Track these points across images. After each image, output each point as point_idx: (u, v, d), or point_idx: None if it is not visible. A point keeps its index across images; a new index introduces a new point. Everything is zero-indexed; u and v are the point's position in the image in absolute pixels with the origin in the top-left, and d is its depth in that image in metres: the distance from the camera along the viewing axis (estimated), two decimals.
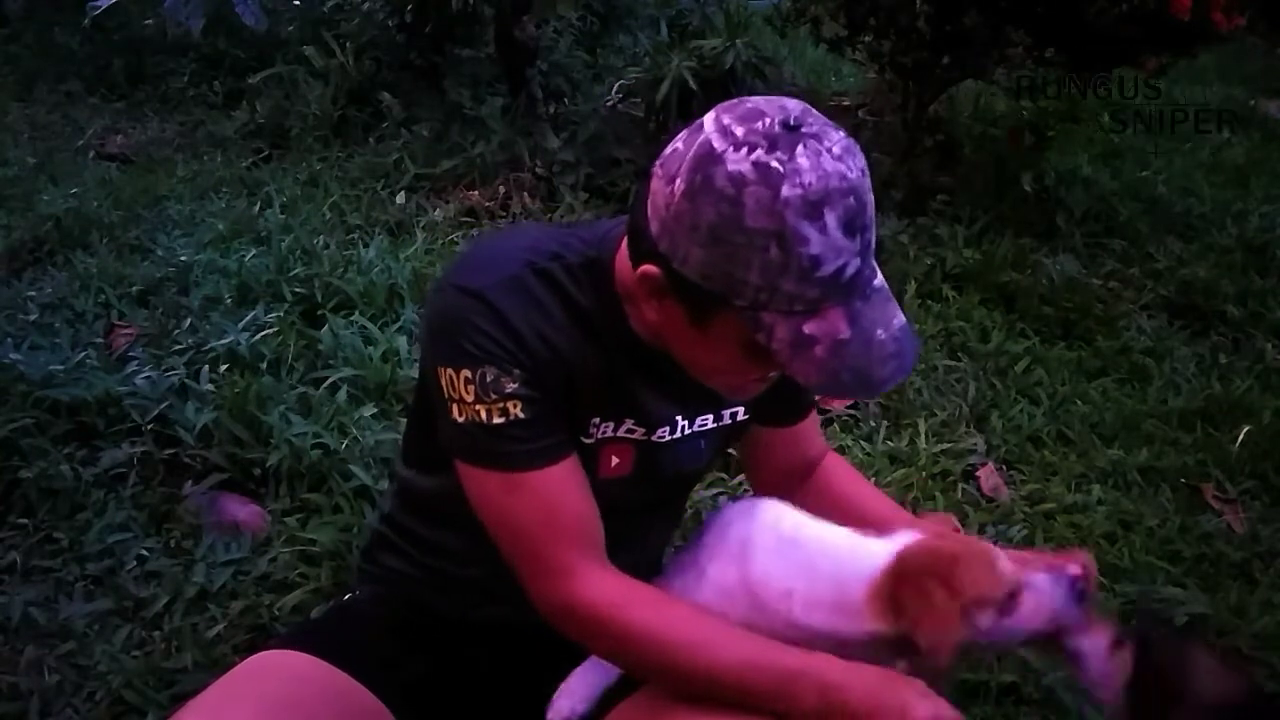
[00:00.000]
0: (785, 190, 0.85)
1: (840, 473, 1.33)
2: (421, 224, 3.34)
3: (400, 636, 1.17)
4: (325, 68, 4.27)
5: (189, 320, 2.57)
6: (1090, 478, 2.27)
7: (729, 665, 0.98)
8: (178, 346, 2.45)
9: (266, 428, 2.11)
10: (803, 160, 0.85)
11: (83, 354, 2.39)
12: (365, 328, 2.53)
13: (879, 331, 0.92)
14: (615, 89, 4.17)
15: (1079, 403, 2.57)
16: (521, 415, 0.98)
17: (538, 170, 3.62)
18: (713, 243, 0.88)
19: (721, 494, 2.08)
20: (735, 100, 0.92)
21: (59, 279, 2.87)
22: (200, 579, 1.81)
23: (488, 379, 0.98)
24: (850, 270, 0.89)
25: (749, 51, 3.59)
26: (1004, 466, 2.31)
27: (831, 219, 0.86)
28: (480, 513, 1.04)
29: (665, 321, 0.97)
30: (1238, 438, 2.41)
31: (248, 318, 2.54)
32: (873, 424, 2.41)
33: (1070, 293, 3.07)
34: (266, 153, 3.96)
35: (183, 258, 2.92)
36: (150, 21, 4.87)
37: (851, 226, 0.88)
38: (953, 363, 2.71)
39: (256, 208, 3.39)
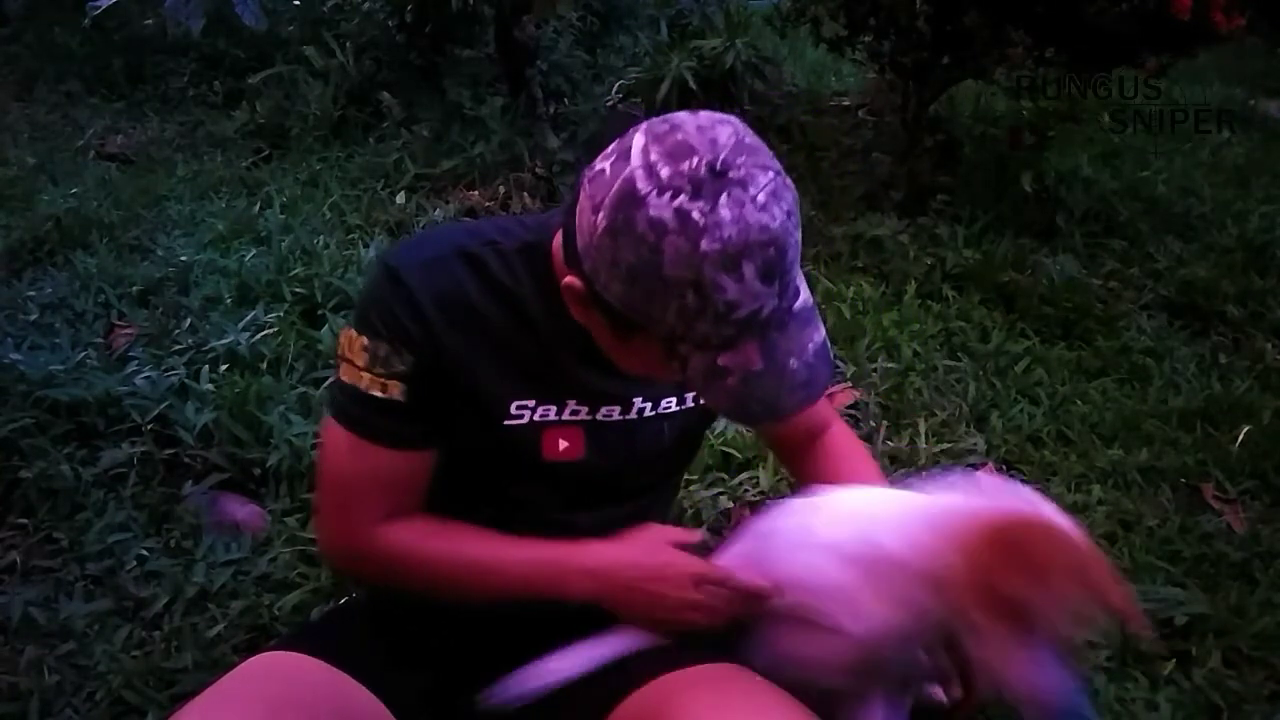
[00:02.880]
0: (704, 244, 0.85)
1: (838, 448, 1.36)
2: (421, 224, 3.34)
3: (400, 638, 1.17)
4: (325, 68, 4.27)
5: (189, 320, 2.57)
6: (1090, 478, 2.27)
7: (490, 578, 1.09)
8: (178, 346, 2.45)
9: (266, 428, 2.11)
10: (725, 211, 0.85)
11: (83, 354, 2.39)
12: None
13: (792, 361, 0.93)
14: (615, 89, 4.17)
15: (1079, 403, 2.57)
16: (398, 398, 1.04)
17: (538, 170, 3.62)
18: (631, 282, 0.89)
19: (721, 493, 2.08)
20: (667, 126, 0.91)
21: (59, 279, 2.87)
22: (200, 579, 1.81)
23: (380, 353, 1.03)
24: (767, 310, 0.90)
25: (749, 51, 3.59)
26: (1004, 466, 2.31)
27: (749, 270, 0.87)
28: (321, 460, 1.11)
29: (589, 324, 1.00)
30: (1238, 438, 2.41)
31: (248, 318, 2.54)
32: (873, 424, 2.41)
33: (1070, 293, 3.07)
34: (266, 153, 3.96)
35: (183, 258, 2.92)
36: (150, 21, 4.86)
37: (770, 275, 0.88)
38: (953, 363, 2.71)
39: (256, 208, 3.39)
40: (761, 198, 0.87)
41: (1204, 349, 2.91)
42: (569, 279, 0.96)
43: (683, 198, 0.86)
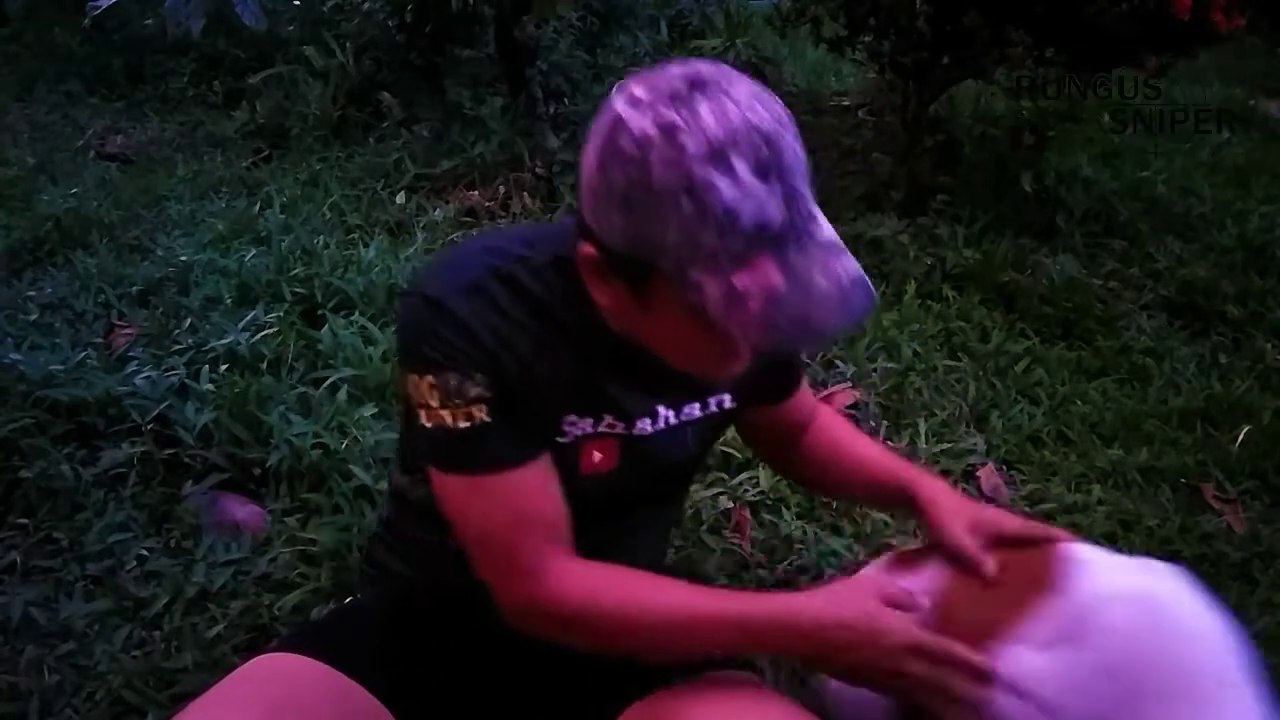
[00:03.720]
0: (689, 144, 0.85)
1: (832, 426, 1.36)
2: (421, 224, 3.34)
3: (402, 639, 1.17)
4: (325, 68, 4.28)
5: (189, 320, 2.57)
6: (1090, 478, 2.27)
7: (706, 636, 1.03)
8: (178, 346, 2.45)
9: (266, 428, 2.11)
10: (705, 112, 0.85)
11: (83, 354, 2.39)
12: (365, 328, 2.53)
13: (819, 280, 0.88)
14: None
15: (1079, 403, 2.57)
16: (486, 419, 0.99)
17: (538, 170, 3.62)
18: (627, 207, 0.88)
19: (721, 493, 2.08)
20: (643, 73, 0.93)
21: (59, 279, 2.87)
22: (200, 579, 1.81)
23: (451, 384, 0.99)
24: (773, 218, 0.86)
25: (749, 51, 3.60)
26: (1004, 466, 2.31)
27: (741, 165, 0.85)
28: (450, 516, 1.05)
29: (615, 304, 0.97)
30: (1238, 438, 2.41)
31: (248, 318, 2.54)
32: (873, 424, 2.41)
33: (1070, 293, 3.07)
34: (266, 153, 3.96)
35: (183, 258, 2.92)
36: (150, 21, 4.87)
37: (765, 170, 0.86)
38: (953, 363, 2.71)
39: (256, 208, 3.39)
40: (744, 98, 0.87)
41: (1204, 349, 2.91)
42: (582, 248, 0.95)
43: (662, 109, 0.86)
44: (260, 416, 2.13)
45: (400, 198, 3.52)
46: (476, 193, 3.55)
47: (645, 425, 1.11)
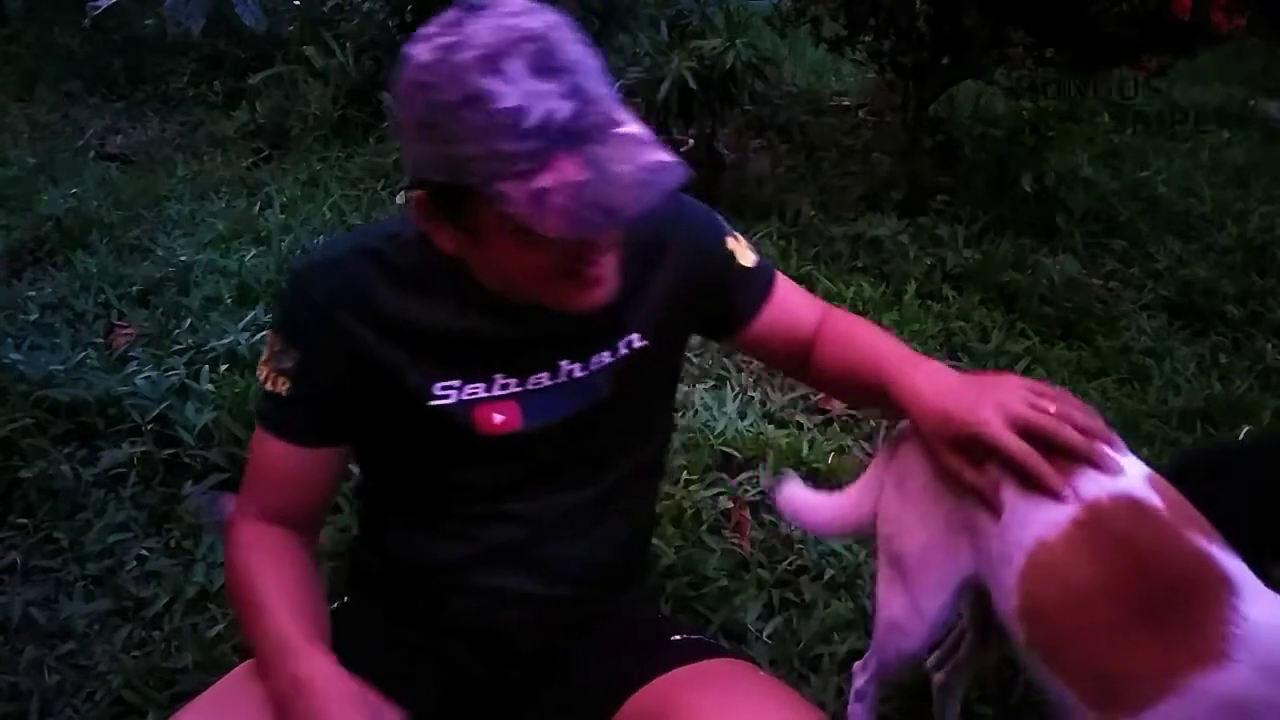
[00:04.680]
0: (462, 57, 0.87)
1: (835, 334, 1.29)
2: None
3: (389, 639, 1.16)
4: (325, 68, 4.28)
5: (189, 320, 2.58)
6: None
7: (254, 628, 1.04)
8: (178, 346, 2.46)
9: None
10: (476, 26, 0.88)
11: (83, 354, 2.39)
12: None
13: (623, 166, 0.89)
14: (615, 89, 4.17)
15: None
16: (282, 393, 1.08)
17: None
18: (427, 134, 0.90)
19: (721, 493, 2.08)
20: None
21: (59, 279, 2.87)
22: (200, 579, 1.81)
23: (276, 348, 1.08)
24: (562, 114, 0.88)
25: (749, 51, 3.58)
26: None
27: (515, 67, 0.87)
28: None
29: (452, 244, 0.99)
30: (1238, 438, 2.41)
31: (248, 318, 2.54)
32: (873, 424, 2.41)
33: (1070, 293, 3.07)
34: (266, 153, 3.97)
35: (183, 258, 2.93)
36: (150, 21, 4.87)
37: (543, 69, 0.87)
38: (953, 363, 2.71)
39: (256, 208, 3.39)
40: (517, 8, 0.90)
41: (1204, 349, 2.91)
42: (412, 195, 0.97)
43: (438, 35, 0.90)
44: None
45: (400, 198, 3.52)
46: None
47: (541, 379, 1.11)
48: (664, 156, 0.91)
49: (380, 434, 1.12)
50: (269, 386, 1.08)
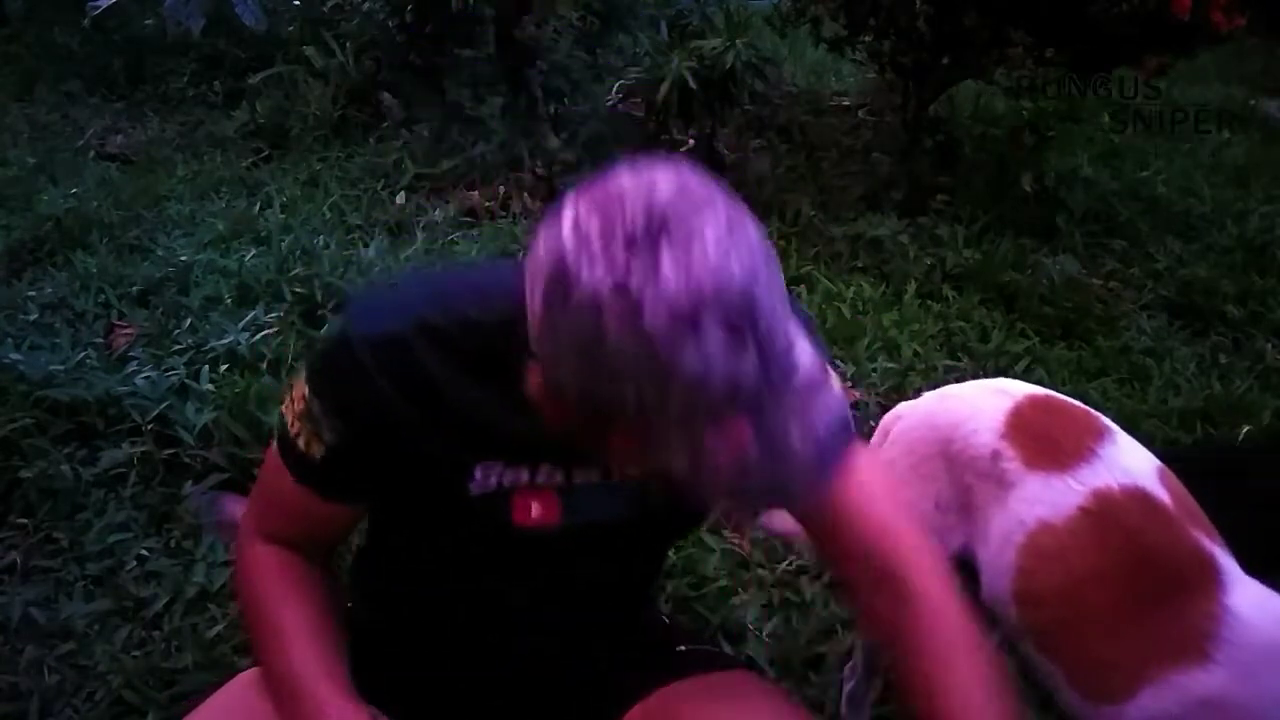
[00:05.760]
0: (648, 316, 0.73)
1: (938, 632, 0.97)
2: (421, 224, 3.34)
3: (397, 648, 1.16)
4: (325, 68, 4.28)
5: (189, 320, 2.57)
6: None
7: (272, 657, 1.02)
8: (178, 346, 2.45)
9: (266, 428, 2.11)
10: (667, 272, 0.73)
11: (83, 354, 2.39)
12: None
13: (794, 440, 0.79)
14: (615, 89, 4.17)
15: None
16: (314, 457, 1.00)
17: (538, 170, 3.62)
18: (579, 362, 0.77)
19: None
20: (599, 179, 0.80)
21: (59, 279, 2.87)
22: (200, 579, 1.81)
23: (314, 411, 0.98)
24: (746, 381, 0.75)
25: (749, 51, 3.58)
26: None
27: (709, 330, 0.73)
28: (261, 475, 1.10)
29: (569, 424, 0.86)
30: (1238, 438, 2.41)
31: (248, 318, 2.54)
32: (873, 424, 2.40)
33: (1070, 293, 3.07)
34: (266, 153, 3.96)
35: (183, 258, 2.92)
36: (150, 21, 4.86)
37: (737, 331, 0.74)
38: (953, 363, 2.71)
39: (256, 208, 3.39)
40: (713, 247, 0.74)
41: (1204, 349, 2.91)
42: (531, 373, 0.87)
43: (616, 263, 0.73)
44: (260, 416, 2.13)
45: (400, 198, 3.52)
46: (476, 193, 3.55)
47: (592, 476, 1.01)
48: (834, 406, 0.81)
49: (409, 509, 1.06)
50: (300, 444, 1.00)
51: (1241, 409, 2.55)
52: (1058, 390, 2.60)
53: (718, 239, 0.75)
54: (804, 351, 0.80)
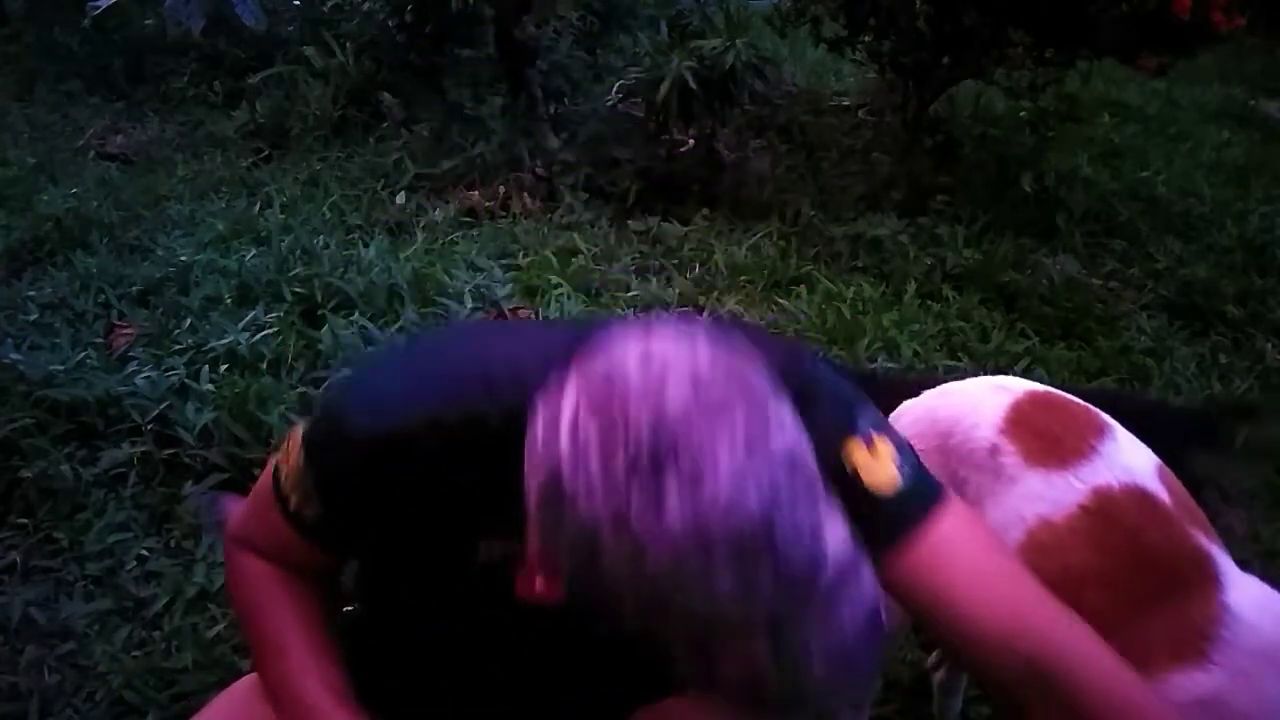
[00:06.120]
0: (650, 560, 0.67)
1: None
2: (421, 224, 3.34)
3: (400, 655, 1.16)
4: (325, 68, 4.28)
5: (189, 320, 2.57)
6: None
7: (272, 670, 1.01)
8: (178, 346, 2.45)
9: (266, 428, 2.11)
10: (672, 518, 0.66)
11: (83, 354, 2.39)
12: (365, 328, 2.52)
13: (815, 654, 0.71)
14: (615, 89, 4.17)
15: None
16: (307, 517, 0.96)
17: (538, 170, 3.62)
18: (576, 570, 0.72)
19: None
20: (603, 379, 0.71)
21: (59, 279, 2.87)
22: (200, 579, 1.81)
23: (307, 483, 0.95)
24: (761, 603, 0.68)
25: (749, 51, 3.58)
26: None
27: (720, 580, 0.67)
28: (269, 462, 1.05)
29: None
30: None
31: (248, 318, 2.54)
32: None
33: (1070, 293, 3.07)
34: (266, 153, 3.96)
35: (183, 258, 2.92)
36: (150, 21, 4.87)
37: (752, 577, 0.67)
38: (953, 363, 2.71)
39: (256, 208, 3.39)
40: (726, 478, 0.66)
41: (1204, 349, 2.91)
42: (533, 558, 0.81)
43: (616, 498, 0.67)
44: (260, 416, 2.13)
45: (400, 198, 3.52)
46: (476, 193, 3.55)
47: None
48: (861, 606, 0.71)
49: (408, 570, 1.04)
50: (293, 504, 0.96)
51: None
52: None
53: (733, 467, 0.67)
54: (834, 539, 0.71)
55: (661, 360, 0.71)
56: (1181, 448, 1.55)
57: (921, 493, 0.89)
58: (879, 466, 0.88)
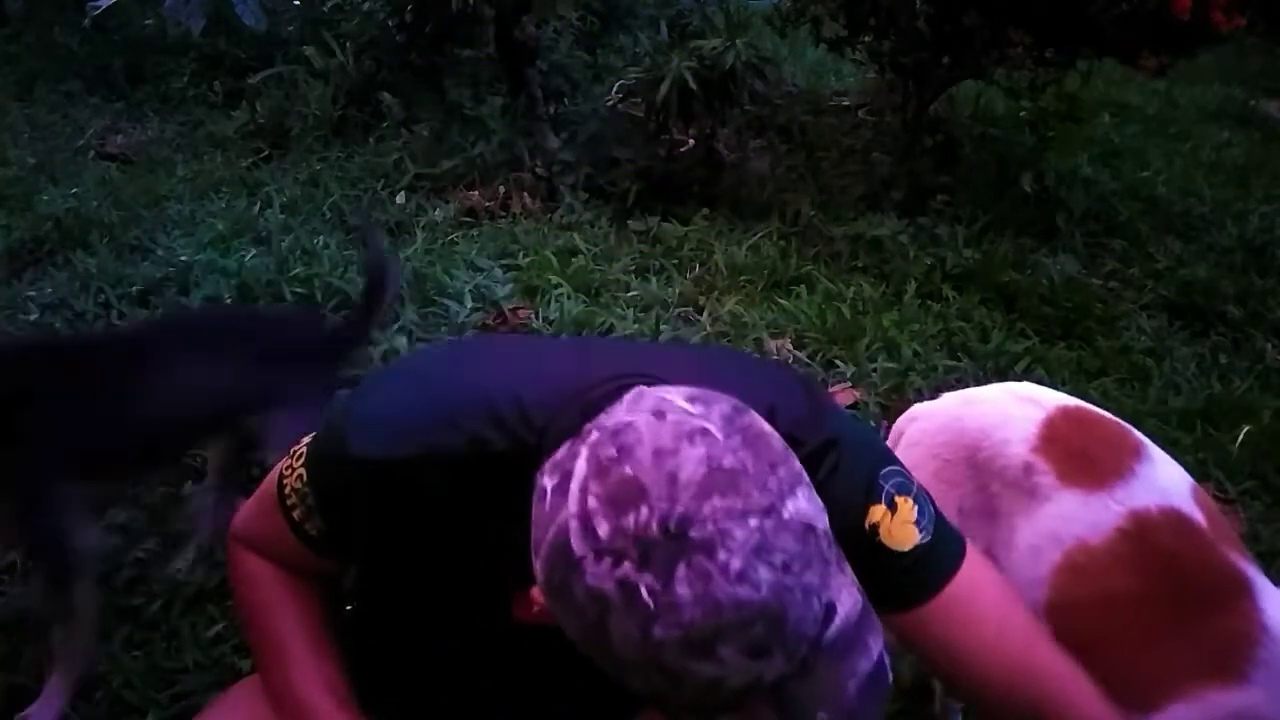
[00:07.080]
0: (657, 631, 0.67)
1: None
2: (421, 224, 3.34)
3: (399, 659, 1.16)
4: (325, 68, 4.27)
5: None
6: None
7: (273, 673, 1.01)
8: None
9: None
10: (682, 589, 0.66)
11: None
12: None
13: (821, 714, 0.72)
14: (615, 89, 4.17)
15: None
16: (309, 530, 0.98)
17: (538, 170, 3.62)
18: (586, 646, 0.72)
19: None
20: (614, 451, 0.71)
21: (59, 279, 2.87)
22: (200, 579, 1.81)
23: (309, 501, 0.96)
24: (770, 675, 0.69)
25: (749, 51, 3.58)
26: None
27: (728, 653, 0.67)
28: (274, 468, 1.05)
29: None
30: (1238, 438, 2.41)
31: None
32: (872, 424, 2.41)
33: (1070, 293, 3.07)
34: (266, 153, 3.96)
35: (183, 258, 2.92)
36: (150, 21, 4.86)
37: (760, 650, 0.68)
38: (953, 363, 2.71)
39: (256, 208, 3.39)
40: (737, 563, 0.66)
41: (1204, 349, 2.91)
42: (535, 596, 0.78)
43: (626, 566, 0.67)
44: None
45: (400, 198, 3.52)
46: (476, 193, 3.55)
47: None
48: (868, 661, 0.72)
49: (403, 596, 1.05)
50: (296, 516, 0.97)
51: (1241, 409, 2.55)
52: (1058, 390, 2.61)
53: (745, 556, 0.67)
54: (843, 605, 0.72)
55: (674, 432, 0.71)
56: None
57: (941, 551, 0.91)
58: (900, 528, 0.89)
